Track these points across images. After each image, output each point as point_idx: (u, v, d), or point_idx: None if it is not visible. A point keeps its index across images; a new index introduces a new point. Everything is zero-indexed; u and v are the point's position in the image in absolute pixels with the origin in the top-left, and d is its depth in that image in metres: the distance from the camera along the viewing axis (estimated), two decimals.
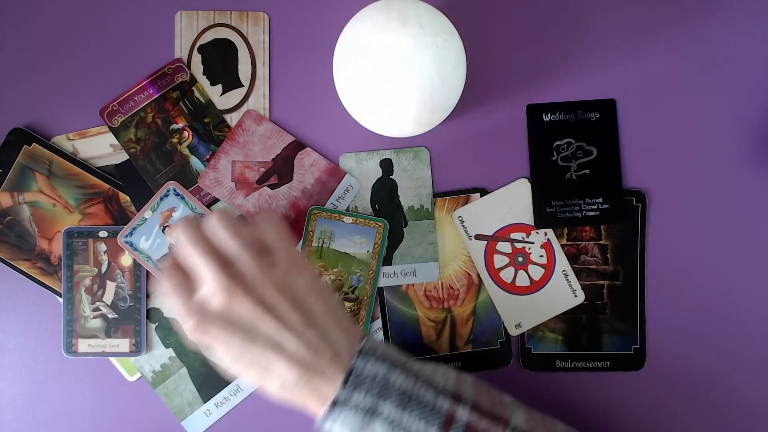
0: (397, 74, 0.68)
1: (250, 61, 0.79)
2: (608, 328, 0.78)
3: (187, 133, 0.79)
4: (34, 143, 0.78)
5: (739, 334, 0.79)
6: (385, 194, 0.79)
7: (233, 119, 0.79)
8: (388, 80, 0.68)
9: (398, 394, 0.62)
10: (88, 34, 0.79)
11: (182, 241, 0.63)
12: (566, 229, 0.79)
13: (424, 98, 0.69)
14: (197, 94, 0.79)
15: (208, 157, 0.79)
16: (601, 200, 0.78)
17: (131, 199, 0.79)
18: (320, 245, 0.78)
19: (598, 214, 0.78)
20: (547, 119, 0.78)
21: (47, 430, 0.79)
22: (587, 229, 0.78)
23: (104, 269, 0.79)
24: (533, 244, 0.78)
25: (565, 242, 0.79)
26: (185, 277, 0.64)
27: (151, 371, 0.79)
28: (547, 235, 0.78)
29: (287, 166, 0.79)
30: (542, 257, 0.78)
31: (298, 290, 0.63)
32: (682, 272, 0.79)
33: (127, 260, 0.79)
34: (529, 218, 0.78)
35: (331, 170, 0.79)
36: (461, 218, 0.79)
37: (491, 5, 0.79)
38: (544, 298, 0.78)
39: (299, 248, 0.78)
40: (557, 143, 0.78)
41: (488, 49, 0.79)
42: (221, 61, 0.79)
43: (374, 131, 0.74)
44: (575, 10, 0.79)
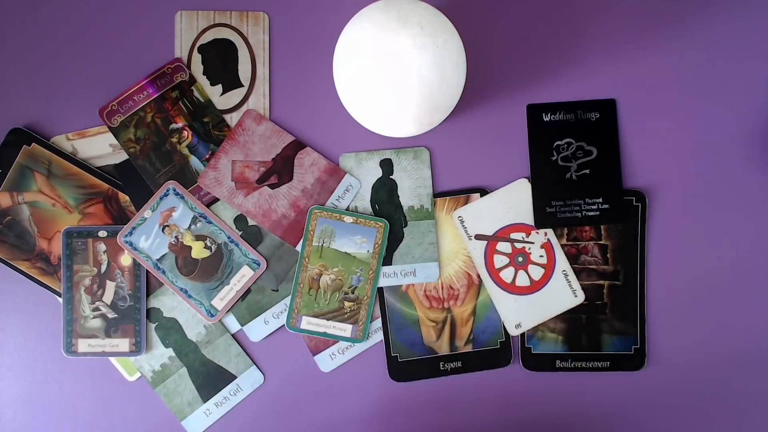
0: (397, 74, 0.68)
1: (250, 61, 0.79)
2: (608, 328, 0.78)
3: (186, 132, 0.79)
4: (33, 143, 0.78)
5: (739, 333, 0.79)
6: (385, 194, 0.79)
7: (233, 119, 0.79)
8: (388, 80, 0.68)
9: None
10: (87, 34, 0.79)
11: None
12: (566, 229, 0.79)
13: (424, 98, 0.69)
14: (196, 93, 0.79)
15: (207, 156, 0.79)
16: (601, 200, 0.78)
17: (131, 198, 0.79)
18: (321, 245, 0.78)
19: (598, 214, 0.78)
20: (547, 119, 0.78)
21: (47, 430, 0.79)
22: (587, 229, 0.78)
23: (104, 269, 0.79)
24: (533, 244, 0.78)
25: (565, 242, 0.79)
26: None
27: (150, 371, 0.79)
28: (547, 235, 0.78)
29: (287, 165, 0.79)
30: (542, 257, 0.78)
31: None
32: (682, 272, 0.79)
33: (126, 260, 0.79)
34: (529, 218, 0.78)
35: (331, 170, 0.79)
36: (461, 218, 0.79)
37: (491, 5, 0.79)
38: (544, 298, 0.78)
39: (299, 248, 0.78)
40: (557, 143, 0.78)
41: (488, 49, 0.79)
42: (221, 61, 0.79)
43: (374, 131, 0.74)
44: (575, 10, 0.79)
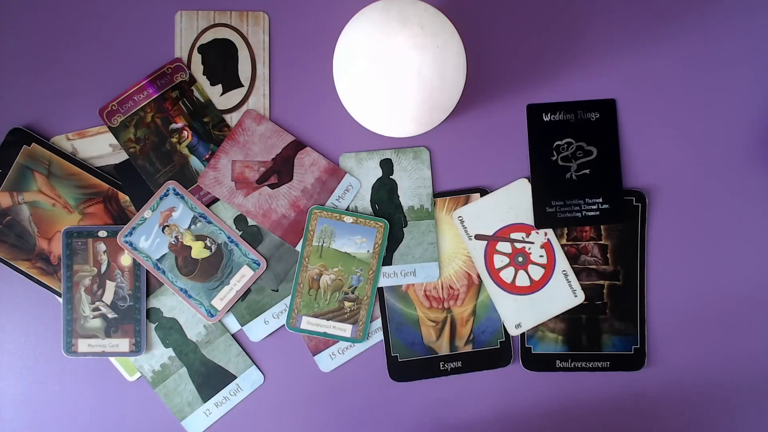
0: (397, 74, 0.68)
1: (250, 61, 0.79)
2: (608, 328, 0.78)
3: (186, 132, 0.79)
4: (33, 143, 0.78)
5: (739, 333, 0.79)
6: (385, 194, 0.79)
7: (233, 119, 0.79)
8: (388, 80, 0.68)
9: None
10: (87, 33, 0.79)
11: None
12: (566, 229, 0.79)
13: (424, 98, 0.69)
14: (196, 93, 0.79)
15: (207, 156, 0.79)
16: (601, 200, 0.78)
17: (131, 198, 0.79)
18: (321, 245, 0.78)
19: (598, 214, 0.78)
20: (547, 119, 0.78)
21: (47, 430, 0.79)
22: (587, 229, 0.78)
23: (104, 269, 0.79)
24: (533, 244, 0.78)
25: (565, 242, 0.79)
26: None
27: (150, 371, 0.79)
28: (547, 235, 0.78)
29: (287, 165, 0.79)
30: (542, 257, 0.78)
31: None
32: (682, 272, 0.79)
33: (126, 260, 0.79)
34: (529, 218, 0.78)
35: (331, 170, 0.79)
36: (461, 218, 0.79)
37: (491, 5, 0.79)
38: (544, 298, 0.78)
39: (299, 248, 0.78)
40: (557, 143, 0.78)
41: (488, 49, 0.79)
42: (221, 61, 0.79)
43: (374, 131, 0.74)
44: (575, 10, 0.79)
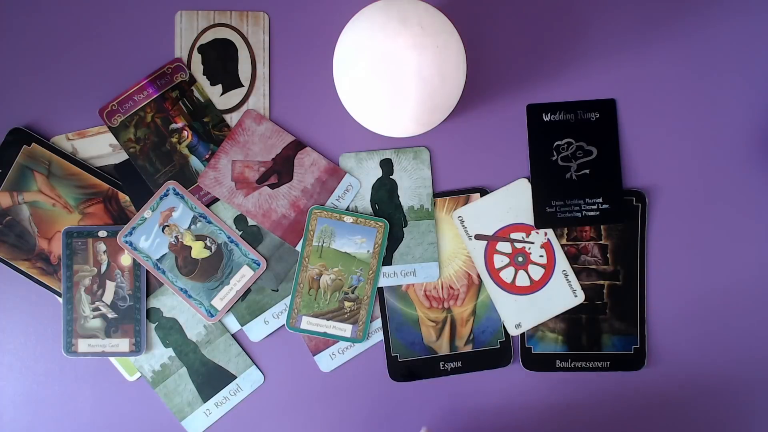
0: (397, 74, 0.68)
1: (250, 61, 0.79)
2: (608, 328, 0.78)
3: (186, 132, 0.79)
4: (33, 143, 0.78)
5: (739, 333, 0.79)
6: (385, 194, 0.79)
7: (233, 119, 0.79)
8: (388, 80, 0.68)
9: None
10: (87, 33, 0.79)
11: None
12: (566, 229, 0.79)
13: (424, 98, 0.69)
14: (196, 93, 0.79)
15: (207, 156, 0.79)
16: (601, 200, 0.78)
17: (131, 198, 0.79)
18: (320, 245, 0.78)
19: (598, 214, 0.78)
20: (547, 119, 0.78)
21: (47, 430, 0.79)
22: (587, 229, 0.78)
23: (104, 269, 0.79)
24: (533, 244, 0.78)
25: (565, 242, 0.79)
26: None
27: (150, 371, 0.79)
28: (547, 235, 0.78)
29: (287, 165, 0.79)
30: (542, 257, 0.78)
31: None
32: (682, 272, 0.79)
33: (126, 260, 0.79)
34: (529, 218, 0.78)
35: (331, 170, 0.79)
36: (461, 218, 0.79)
37: (491, 5, 0.79)
38: (544, 298, 0.78)
39: (299, 248, 0.78)
40: (557, 143, 0.78)
41: (488, 49, 0.79)
42: (221, 61, 0.79)
43: (374, 131, 0.74)
44: (575, 10, 0.79)
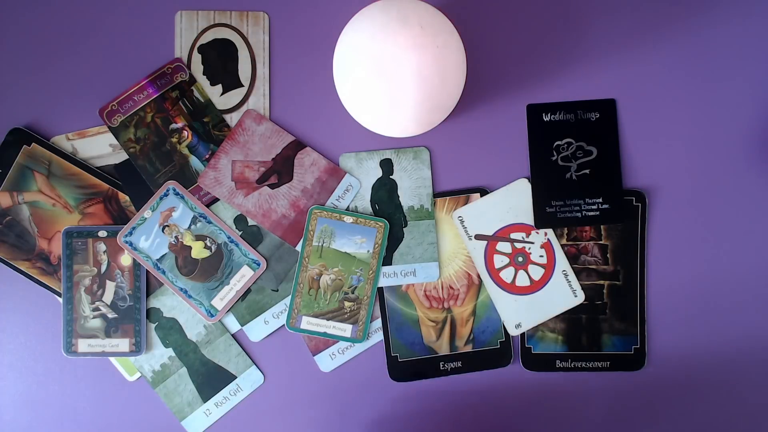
0: (397, 74, 0.68)
1: (250, 61, 0.79)
2: (608, 328, 0.78)
3: (186, 132, 0.79)
4: (33, 143, 0.78)
5: (739, 333, 0.79)
6: (385, 194, 0.79)
7: (233, 119, 0.79)
8: (388, 80, 0.68)
9: None
10: (87, 33, 0.79)
11: None
12: (566, 229, 0.79)
13: (423, 98, 0.69)
14: (196, 93, 0.79)
15: (207, 156, 0.79)
16: (601, 200, 0.78)
17: (131, 198, 0.79)
18: (320, 245, 0.78)
19: (598, 214, 0.78)
20: (547, 119, 0.78)
21: (47, 430, 0.79)
22: (587, 229, 0.78)
23: (104, 269, 0.79)
24: (533, 244, 0.78)
25: (565, 242, 0.79)
26: None
27: (150, 371, 0.79)
28: (547, 235, 0.78)
29: (287, 165, 0.79)
30: (542, 257, 0.78)
31: None
32: (682, 272, 0.79)
33: (126, 260, 0.79)
34: (529, 218, 0.78)
35: (331, 170, 0.79)
36: (461, 218, 0.79)
37: (491, 5, 0.79)
38: (544, 298, 0.78)
39: (299, 248, 0.78)
40: (557, 143, 0.78)
41: (488, 49, 0.79)
42: (221, 61, 0.79)
43: (374, 131, 0.74)
44: (575, 10, 0.79)
